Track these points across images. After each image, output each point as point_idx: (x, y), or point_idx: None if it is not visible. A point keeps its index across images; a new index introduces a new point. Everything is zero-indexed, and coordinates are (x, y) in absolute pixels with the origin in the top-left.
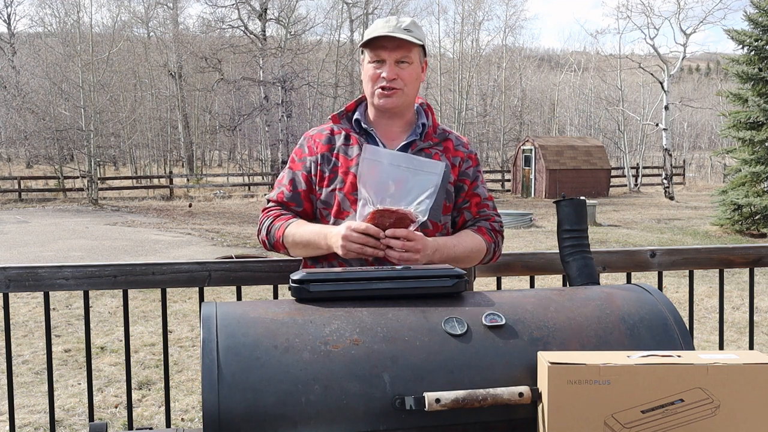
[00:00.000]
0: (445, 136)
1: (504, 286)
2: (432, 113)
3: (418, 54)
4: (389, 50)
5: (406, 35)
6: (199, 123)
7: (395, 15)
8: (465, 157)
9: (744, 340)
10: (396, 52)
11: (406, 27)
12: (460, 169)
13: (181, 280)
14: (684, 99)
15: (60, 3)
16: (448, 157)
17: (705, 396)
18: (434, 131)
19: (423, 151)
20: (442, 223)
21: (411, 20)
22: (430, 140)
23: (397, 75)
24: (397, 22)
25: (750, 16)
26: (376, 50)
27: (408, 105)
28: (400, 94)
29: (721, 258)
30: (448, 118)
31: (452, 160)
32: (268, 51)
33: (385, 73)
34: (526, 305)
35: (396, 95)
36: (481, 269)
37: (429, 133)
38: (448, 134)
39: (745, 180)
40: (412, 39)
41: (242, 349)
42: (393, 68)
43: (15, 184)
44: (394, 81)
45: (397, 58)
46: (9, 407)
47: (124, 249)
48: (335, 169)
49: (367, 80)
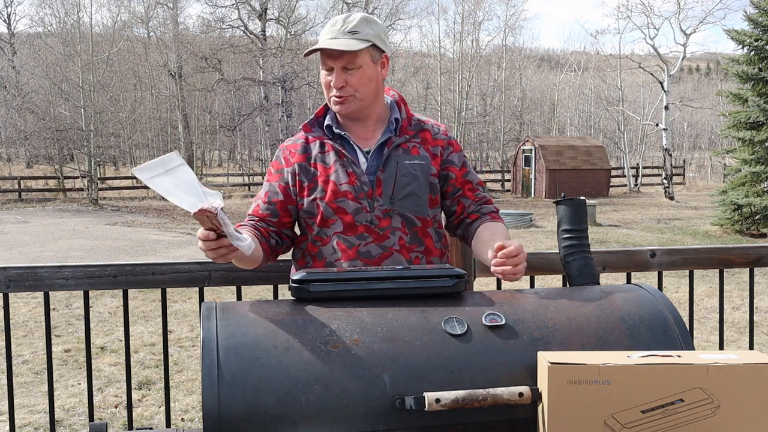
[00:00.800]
0: (421, 127)
1: (504, 286)
2: (405, 105)
3: (369, 55)
4: (334, 58)
5: (350, 40)
6: (199, 123)
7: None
8: (445, 145)
9: (744, 340)
10: (341, 60)
11: (352, 29)
12: (442, 157)
13: (181, 280)
14: (684, 99)
15: (60, 3)
16: (428, 149)
17: (705, 396)
18: (409, 123)
19: (400, 146)
20: (431, 217)
21: (361, 18)
22: (406, 134)
23: (345, 82)
24: (343, 24)
25: (750, 16)
26: (323, 58)
27: (367, 107)
28: (352, 100)
29: (721, 258)
30: (448, 118)
31: (432, 151)
32: (268, 51)
33: (332, 80)
34: (526, 305)
35: (348, 102)
36: (481, 269)
37: (404, 127)
38: (423, 124)
39: (745, 180)
40: (356, 45)
41: (242, 349)
42: (341, 76)
43: (15, 184)
44: (343, 89)
45: (343, 65)
46: (9, 407)
47: (124, 249)
48: (315, 178)
49: (324, 87)
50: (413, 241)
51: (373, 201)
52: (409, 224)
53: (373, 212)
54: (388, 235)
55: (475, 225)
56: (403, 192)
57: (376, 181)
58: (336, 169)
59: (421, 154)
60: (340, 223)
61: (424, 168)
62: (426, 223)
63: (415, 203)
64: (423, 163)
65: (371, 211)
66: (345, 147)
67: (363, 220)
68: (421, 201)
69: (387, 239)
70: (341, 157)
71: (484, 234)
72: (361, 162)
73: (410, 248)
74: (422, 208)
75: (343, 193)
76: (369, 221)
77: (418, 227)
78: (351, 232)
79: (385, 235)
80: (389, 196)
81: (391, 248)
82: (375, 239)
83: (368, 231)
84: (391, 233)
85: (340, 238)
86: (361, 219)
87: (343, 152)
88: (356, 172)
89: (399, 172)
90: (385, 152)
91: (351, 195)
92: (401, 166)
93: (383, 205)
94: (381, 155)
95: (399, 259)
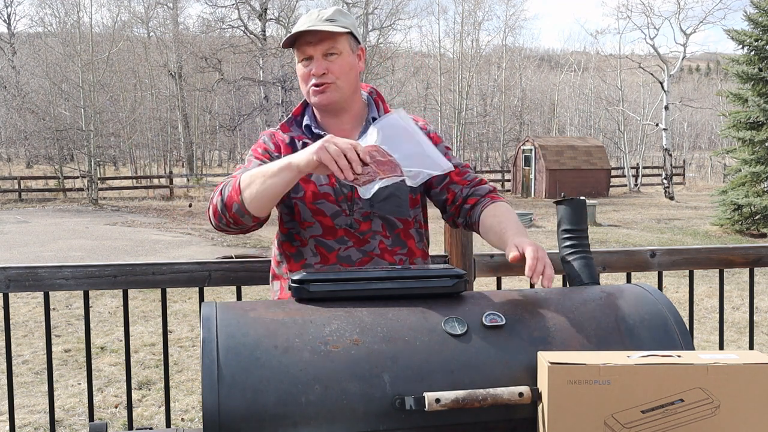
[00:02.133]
0: None
1: (504, 286)
2: (382, 101)
3: (348, 42)
4: (314, 45)
5: (329, 26)
6: (199, 123)
7: (317, 9)
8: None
9: (744, 340)
10: (321, 45)
11: (329, 17)
12: None
13: (181, 280)
14: (684, 99)
15: (60, 3)
16: None
17: (705, 396)
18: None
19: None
20: (412, 217)
21: (335, 9)
22: None
23: (326, 69)
24: (318, 14)
25: (750, 16)
26: (302, 47)
27: (347, 98)
28: (333, 87)
29: (721, 258)
30: (448, 118)
31: None
32: (268, 51)
33: (313, 68)
34: (526, 305)
35: (329, 89)
36: (481, 269)
37: None
38: None
39: (745, 180)
40: (336, 28)
41: (242, 349)
42: (321, 63)
43: (15, 184)
44: (324, 76)
45: (324, 51)
46: (9, 407)
47: (124, 249)
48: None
49: (301, 81)
50: (396, 244)
51: (352, 204)
52: (390, 226)
53: (352, 215)
54: (368, 239)
55: (476, 211)
56: (382, 194)
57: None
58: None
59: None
60: (319, 226)
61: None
62: (407, 224)
63: (395, 205)
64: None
65: (350, 215)
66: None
67: (342, 223)
68: (401, 202)
69: (367, 243)
70: None
71: (489, 221)
72: None
73: (393, 251)
74: (403, 209)
75: (323, 195)
76: (349, 225)
77: (400, 229)
78: (330, 235)
79: (365, 239)
80: (368, 198)
81: (371, 252)
82: (355, 243)
83: (348, 235)
84: (371, 237)
85: (319, 241)
86: (340, 222)
87: None
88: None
89: None
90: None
91: (331, 197)
92: None
93: (363, 208)
94: None
95: (380, 264)
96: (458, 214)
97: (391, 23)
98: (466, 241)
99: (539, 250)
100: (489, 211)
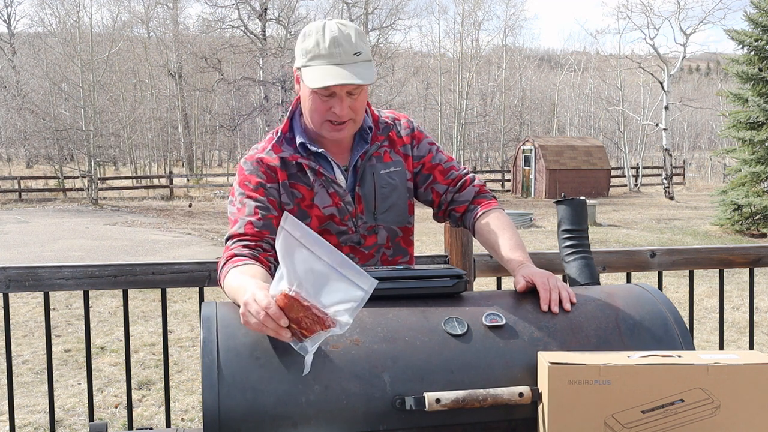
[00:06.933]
0: (388, 128)
1: (504, 286)
2: (369, 107)
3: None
4: (342, 85)
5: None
6: (199, 123)
7: (339, 29)
8: (410, 140)
9: (744, 340)
10: (347, 87)
11: (356, 50)
12: (412, 154)
13: (181, 280)
14: (684, 99)
15: (60, 3)
16: (398, 151)
17: (705, 396)
18: (378, 128)
19: (373, 155)
20: (411, 224)
21: (355, 32)
22: (377, 141)
23: (349, 107)
24: (344, 46)
25: (750, 16)
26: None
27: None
28: (350, 124)
29: (721, 258)
30: (448, 118)
31: (402, 151)
32: (268, 51)
33: (337, 108)
34: (526, 305)
35: (347, 127)
36: (481, 269)
37: (375, 134)
38: (387, 122)
39: (745, 180)
40: (368, 80)
41: (242, 349)
42: (345, 102)
43: (15, 184)
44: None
45: (350, 90)
46: (9, 407)
47: (124, 249)
48: (297, 201)
49: (313, 110)
50: (397, 253)
51: (357, 220)
52: (392, 236)
53: (358, 232)
54: (373, 254)
55: (467, 220)
56: (385, 205)
57: (356, 197)
58: (317, 191)
59: (393, 159)
60: None
61: (400, 174)
62: (407, 231)
63: (397, 214)
64: (398, 169)
65: (356, 231)
66: (322, 165)
67: (348, 241)
68: (402, 210)
69: (372, 258)
70: (320, 176)
71: (484, 238)
72: (340, 180)
73: (394, 261)
74: (404, 217)
75: (328, 216)
76: (355, 242)
77: (401, 237)
78: None
79: (370, 254)
80: (371, 211)
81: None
82: (360, 260)
83: (353, 251)
84: (375, 251)
85: None
86: (346, 240)
87: (322, 171)
88: (338, 192)
89: (377, 184)
90: (359, 165)
91: (336, 218)
92: (379, 177)
93: (367, 222)
94: (357, 169)
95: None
96: (448, 218)
97: (391, 23)
98: (466, 241)
99: (550, 279)
100: (482, 227)
